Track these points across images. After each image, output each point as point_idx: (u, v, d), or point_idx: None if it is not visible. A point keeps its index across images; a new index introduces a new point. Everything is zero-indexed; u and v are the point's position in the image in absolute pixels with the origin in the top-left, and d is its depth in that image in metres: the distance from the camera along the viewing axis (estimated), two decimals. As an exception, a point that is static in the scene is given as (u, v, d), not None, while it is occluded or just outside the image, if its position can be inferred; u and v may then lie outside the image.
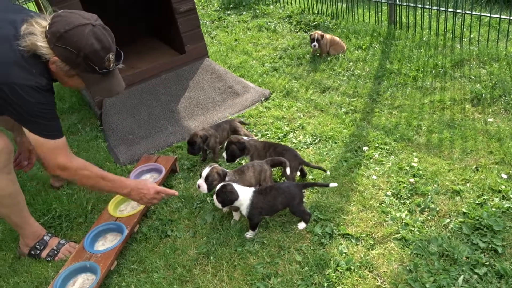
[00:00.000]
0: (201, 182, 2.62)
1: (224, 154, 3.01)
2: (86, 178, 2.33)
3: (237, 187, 2.52)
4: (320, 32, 4.67)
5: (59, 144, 2.23)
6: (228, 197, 2.47)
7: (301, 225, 2.57)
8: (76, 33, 2.04)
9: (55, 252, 2.67)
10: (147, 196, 2.50)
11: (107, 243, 2.65)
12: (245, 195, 2.51)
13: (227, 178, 2.64)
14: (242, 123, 3.55)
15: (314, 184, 2.82)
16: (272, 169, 2.87)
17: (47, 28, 2.07)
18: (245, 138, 3.04)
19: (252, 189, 2.58)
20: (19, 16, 2.15)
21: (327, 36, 4.70)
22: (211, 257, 2.46)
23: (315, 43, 4.64)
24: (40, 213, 2.95)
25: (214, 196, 2.52)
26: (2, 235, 2.89)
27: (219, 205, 2.52)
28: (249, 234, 2.57)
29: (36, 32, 2.06)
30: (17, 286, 2.50)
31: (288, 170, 2.76)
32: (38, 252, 2.66)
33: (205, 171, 2.63)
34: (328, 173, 2.93)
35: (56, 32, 2.03)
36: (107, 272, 2.41)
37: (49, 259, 2.65)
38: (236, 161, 3.06)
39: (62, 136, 2.26)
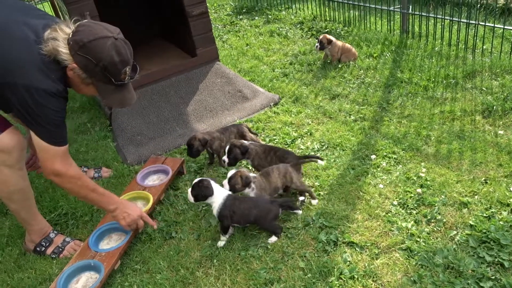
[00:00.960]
0: (225, 182, 2.68)
1: (225, 158, 2.99)
2: (78, 187, 2.37)
3: (214, 185, 2.57)
4: (328, 36, 4.65)
5: (61, 151, 2.27)
6: (202, 192, 2.53)
7: (272, 239, 2.56)
8: (99, 44, 2.10)
9: (60, 249, 2.69)
10: (130, 218, 2.53)
11: (112, 242, 2.66)
12: (220, 194, 2.55)
13: (252, 184, 2.67)
14: (249, 130, 3.53)
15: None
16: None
17: (70, 36, 2.12)
18: (245, 142, 3.04)
19: (229, 192, 2.62)
20: (41, 21, 2.19)
21: (339, 43, 4.68)
22: (215, 260, 2.46)
23: (317, 44, 4.64)
24: (46, 210, 2.97)
25: (189, 190, 2.58)
26: (9, 231, 2.91)
27: (191, 199, 2.58)
28: (221, 242, 2.57)
29: (59, 38, 2.11)
30: (22, 282, 2.51)
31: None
32: (43, 248, 2.68)
33: (230, 173, 2.67)
34: (322, 163, 2.94)
35: (79, 40, 2.09)
36: (110, 271, 2.42)
37: (54, 256, 2.67)
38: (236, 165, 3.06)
39: (66, 144, 2.30)
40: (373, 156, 3.15)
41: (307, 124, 3.73)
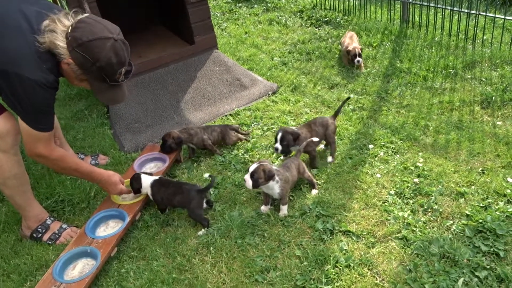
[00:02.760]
0: (247, 177, 2.54)
1: (277, 145, 2.89)
2: (61, 168, 2.51)
3: (143, 176, 2.75)
4: (359, 46, 4.33)
5: (44, 136, 2.30)
6: (134, 185, 2.74)
7: (201, 232, 2.57)
8: (98, 45, 2.10)
9: (57, 236, 2.69)
10: (111, 194, 2.75)
11: (109, 229, 2.66)
12: (147, 183, 2.73)
13: (276, 176, 2.56)
14: (236, 130, 3.45)
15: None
16: None
17: (69, 30, 2.11)
18: (295, 128, 3.02)
19: (154, 178, 2.77)
20: (32, 7, 2.17)
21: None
22: (211, 248, 2.47)
23: (358, 58, 4.23)
24: (43, 197, 2.96)
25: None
26: (6, 217, 2.91)
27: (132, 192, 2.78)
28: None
29: (57, 31, 2.10)
30: (18, 268, 2.52)
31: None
32: (39, 235, 2.68)
33: (252, 167, 2.55)
34: (352, 96, 3.24)
35: (78, 38, 2.08)
36: (107, 258, 2.42)
37: (50, 242, 2.67)
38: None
39: (51, 129, 2.32)
40: (371, 146, 3.15)
41: (306, 113, 3.71)
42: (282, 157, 3.14)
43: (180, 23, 4.40)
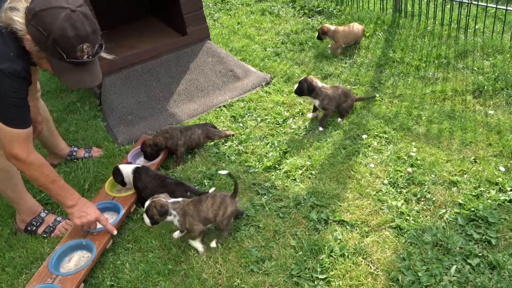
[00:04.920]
0: (144, 215, 2.41)
1: (295, 87, 3.42)
2: (37, 175, 2.25)
3: (122, 167, 2.80)
4: (326, 27, 4.36)
5: (19, 134, 2.13)
6: (116, 179, 2.81)
7: (175, 234, 2.55)
8: (50, 14, 1.91)
9: (51, 228, 2.68)
10: (87, 218, 2.39)
11: (103, 221, 2.66)
12: (128, 172, 2.79)
13: (173, 210, 2.38)
14: (214, 127, 3.37)
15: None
16: None
17: (28, 4, 1.95)
18: (318, 82, 3.40)
19: (133, 166, 2.81)
20: None
21: (340, 28, 4.39)
22: (206, 239, 2.47)
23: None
24: (37, 190, 2.95)
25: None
26: (0, 211, 2.90)
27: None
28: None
29: (19, 8, 1.95)
30: (13, 261, 2.51)
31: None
32: (34, 228, 2.68)
33: (146, 203, 2.40)
34: (377, 95, 3.58)
35: (32, 9, 1.91)
36: (102, 250, 2.43)
37: (45, 235, 2.67)
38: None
39: (26, 127, 2.16)
40: (364, 136, 3.16)
41: (299, 103, 3.71)
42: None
43: (172, 14, 4.36)
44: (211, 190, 2.76)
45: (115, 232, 2.47)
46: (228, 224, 2.44)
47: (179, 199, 2.45)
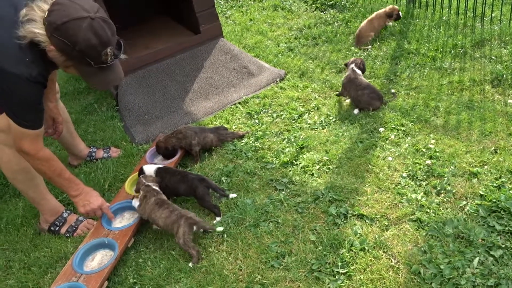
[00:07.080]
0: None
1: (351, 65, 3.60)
2: (45, 169, 2.37)
3: (145, 167, 2.83)
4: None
5: (30, 133, 2.22)
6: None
7: (215, 221, 2.60)
8: (73, 27, 1.96)
9: (74, 228, 2.74)
10: (90, 206, 2.55)
11: (124, 220, 2.70)
12: (150, 172, 2.81)
13: (144, 182, 2.65)
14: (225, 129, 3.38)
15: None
16: None
17: (45, 15, 1.99)
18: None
19: (155, 166, 2.85)
20: None
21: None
22: (225, 235, 2.49)
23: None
24: (58, 191, 3.00)
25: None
26: (23, 212, 2.96)
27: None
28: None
29: (36, 18, 1.99)
30: (38, 260, 2.57)
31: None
32: (57, 228, 2.73)
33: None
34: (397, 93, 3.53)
35: (53, 22, 1.96)
36: (125, 249, 2.47)
37: (68, 235, 2.72)
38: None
39: (38, 127, 2.24)
40: (381, 129, 3.14)
41: (314, 98, 3.70)
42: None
43: (185, 13, 4.39)
44: (231, 195, 2.77)
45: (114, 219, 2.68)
46: (185, 244, 2.36)
47: (157, 188, 2.64)
